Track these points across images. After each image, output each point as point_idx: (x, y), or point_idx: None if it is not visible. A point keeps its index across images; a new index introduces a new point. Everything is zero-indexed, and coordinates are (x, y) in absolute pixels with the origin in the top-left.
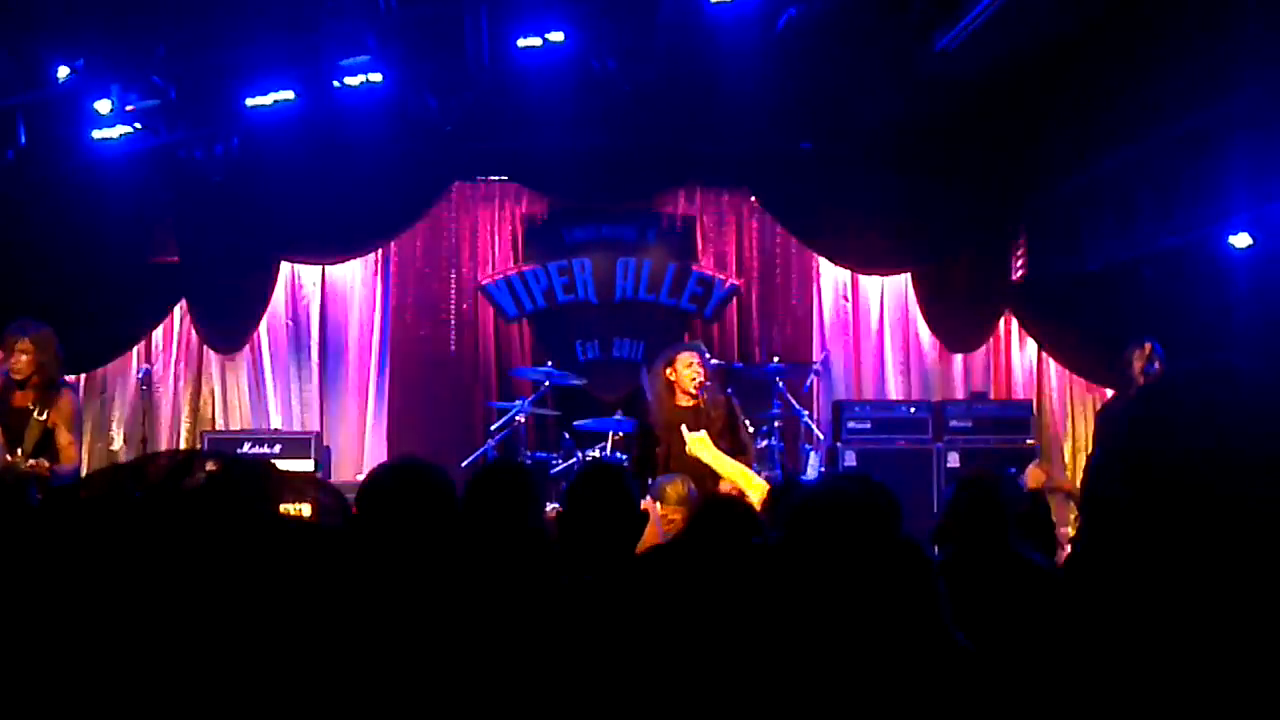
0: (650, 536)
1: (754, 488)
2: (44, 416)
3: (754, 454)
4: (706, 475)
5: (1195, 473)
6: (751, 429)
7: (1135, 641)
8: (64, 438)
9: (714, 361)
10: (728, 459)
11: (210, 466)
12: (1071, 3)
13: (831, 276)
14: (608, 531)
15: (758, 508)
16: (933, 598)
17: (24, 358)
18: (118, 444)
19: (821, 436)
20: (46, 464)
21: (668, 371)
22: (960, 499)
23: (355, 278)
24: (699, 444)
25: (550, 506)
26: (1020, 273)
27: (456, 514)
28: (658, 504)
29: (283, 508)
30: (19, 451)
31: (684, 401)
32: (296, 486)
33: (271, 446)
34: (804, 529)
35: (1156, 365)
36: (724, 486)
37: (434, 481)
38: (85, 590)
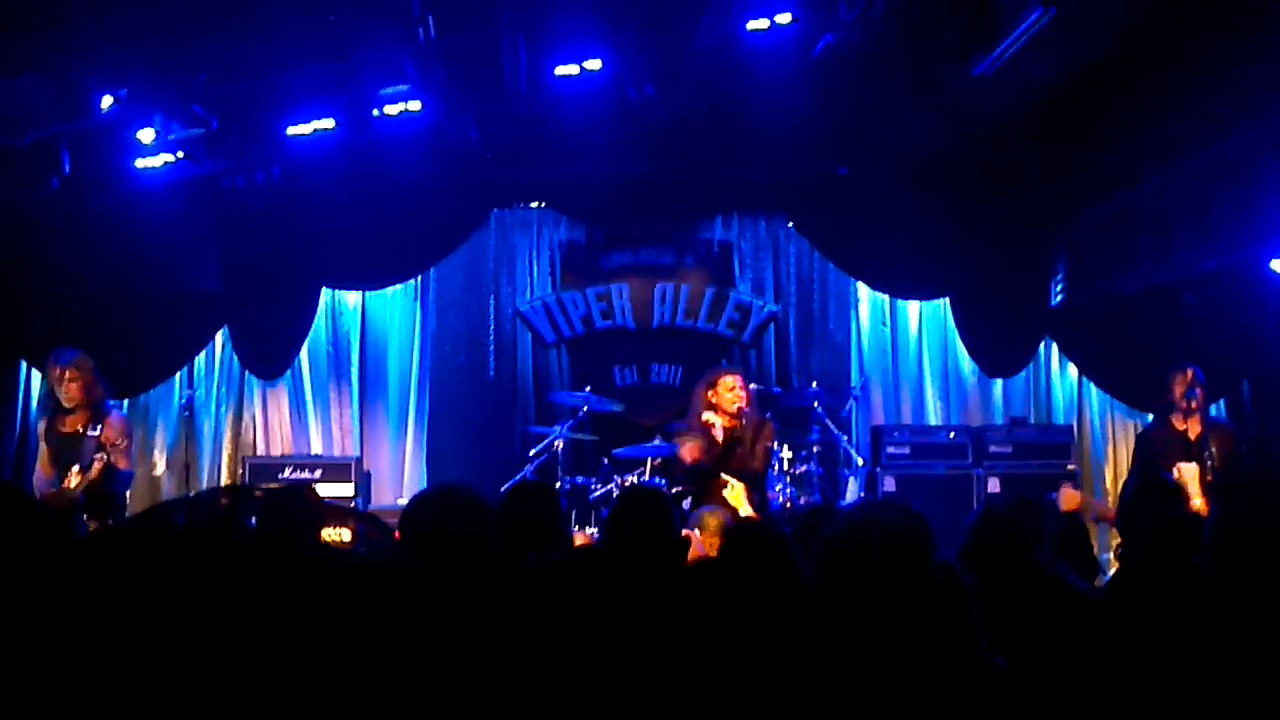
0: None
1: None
2: (97, 432)
3: (764, 472)
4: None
5: None
6: (790, 454)
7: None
8: (120, 447)
9: (752, 386)
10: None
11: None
12: (1108, 28)
13: (870, 301)
14: (649, 556)
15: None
16: (967, 622)
17: (73, 385)
18: (160, 469)
19: (861, 461)
20: (105, 458)
21: (709, 393)
22: (980, 525)
23: (395, 304)
24: (735, 496)
25: (589, 531)
26: (1059, 297)
27: (497, 539)
28: (698, 531)
29: (325, 533)
30: (74, 469)
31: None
32: (337, 514)
33: (312, 471)
34: (838, 556)
35: (1198, 391)
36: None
37: (477, 507)
38: (125, 624)
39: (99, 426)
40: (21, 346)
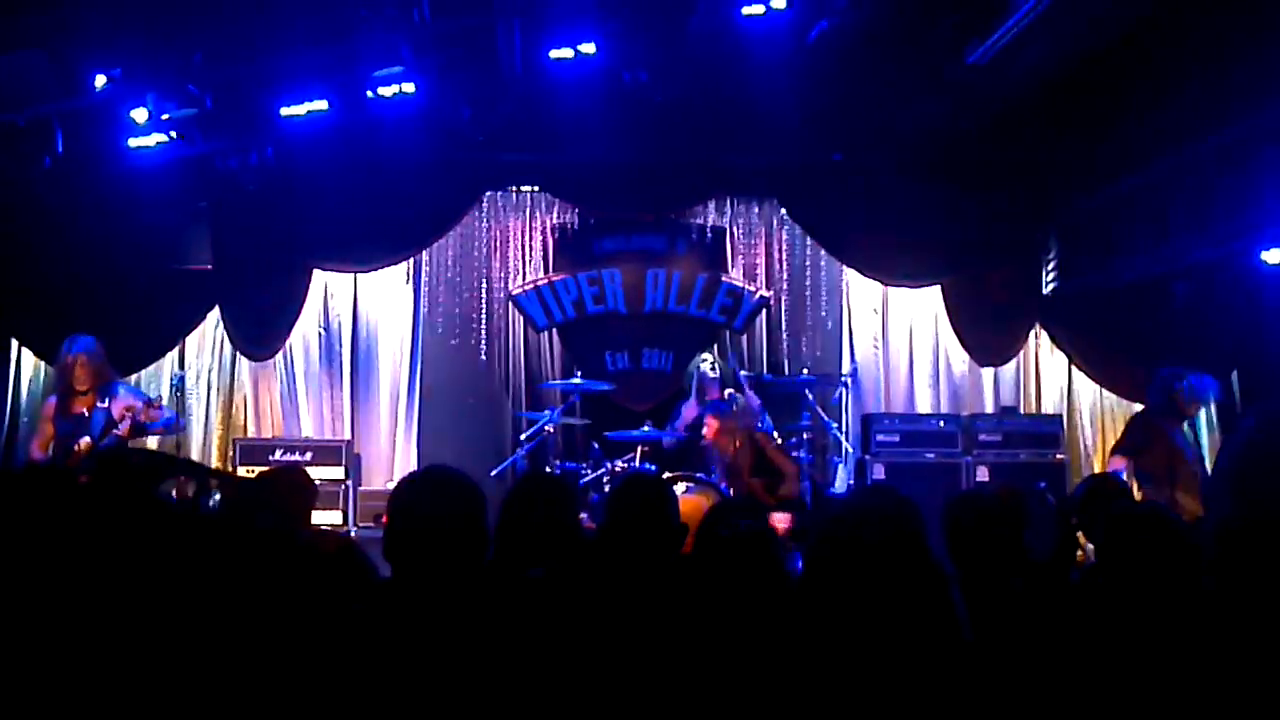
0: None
1: None
2: (106, 404)
3: (791, 474)
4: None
5: None
6: (779, 441)
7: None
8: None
9: (743, 373)
10: None
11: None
12: (1104, 17)
13: (861, 288)
14: (648, 543)
15: None
16: (949, 609)
17: (85, 370)
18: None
19: (850, 449)
20: (132, 415)
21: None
22: (959, 515)
23: (387, 286)
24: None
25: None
26: (1051, 286)
27: (484, 522)
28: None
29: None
30: (83, 441)
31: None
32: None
33: (303, 454)
34: (830, 544)
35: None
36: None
37: (462, 490)
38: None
39: (107, 400)
40: (12, 326)
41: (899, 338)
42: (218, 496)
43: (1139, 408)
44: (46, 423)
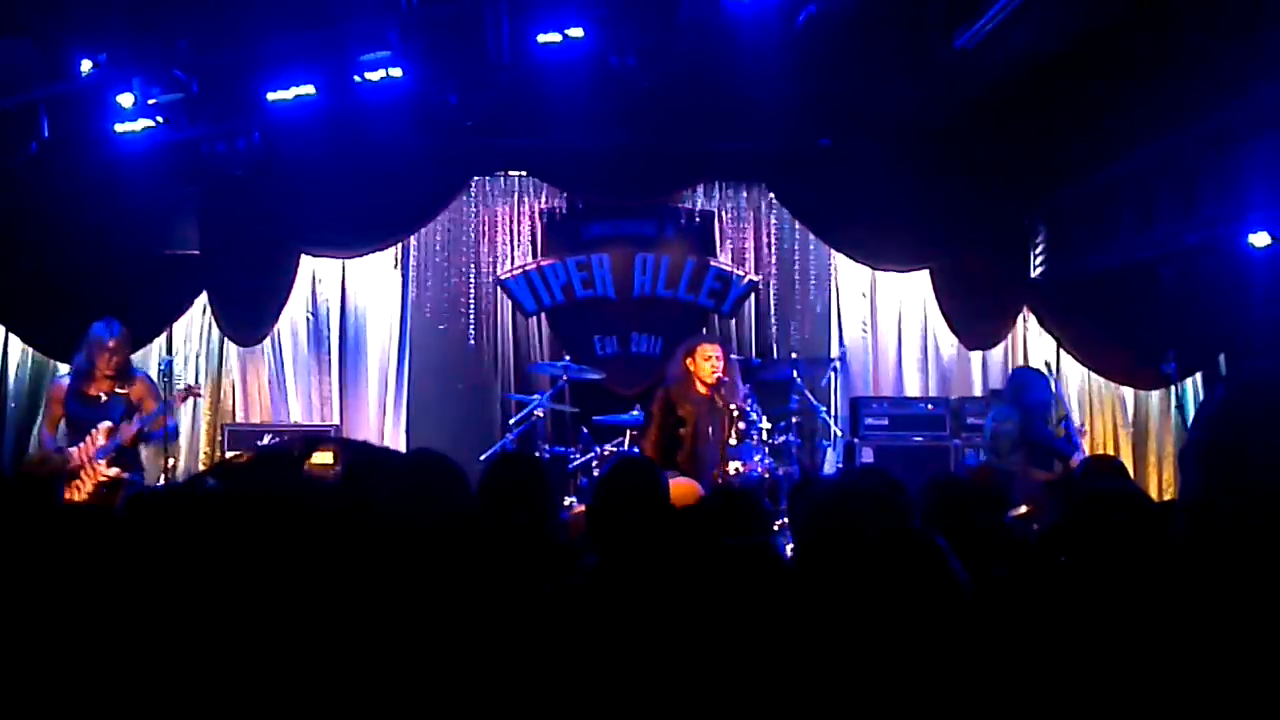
0: None
1: None
2: (125, 390)
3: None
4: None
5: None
6: (768, 425)
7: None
8: (149, 405)
9: (733, 357)
10: None
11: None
12: (1092, 1)
13: (850, 273)
14: (638, 525)
15: None
16: (951, 583)
17: (118, 357)
18: None
19: (839, 432)
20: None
21: (688, 361)
22: (936, 494)
23: (375, 272)
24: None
25: (568, 500)
26: (1039, 270)
27: (470, 507)
28: None
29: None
30: (103, 426)
31: (701, 390)
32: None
33: (291, 439)
34: (820, 523)
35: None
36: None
37: (446, 474)
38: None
39: (126, 386)
40: None
41: (888, 322)
42: None
43: (1127, 391)
44: (57, 405)
